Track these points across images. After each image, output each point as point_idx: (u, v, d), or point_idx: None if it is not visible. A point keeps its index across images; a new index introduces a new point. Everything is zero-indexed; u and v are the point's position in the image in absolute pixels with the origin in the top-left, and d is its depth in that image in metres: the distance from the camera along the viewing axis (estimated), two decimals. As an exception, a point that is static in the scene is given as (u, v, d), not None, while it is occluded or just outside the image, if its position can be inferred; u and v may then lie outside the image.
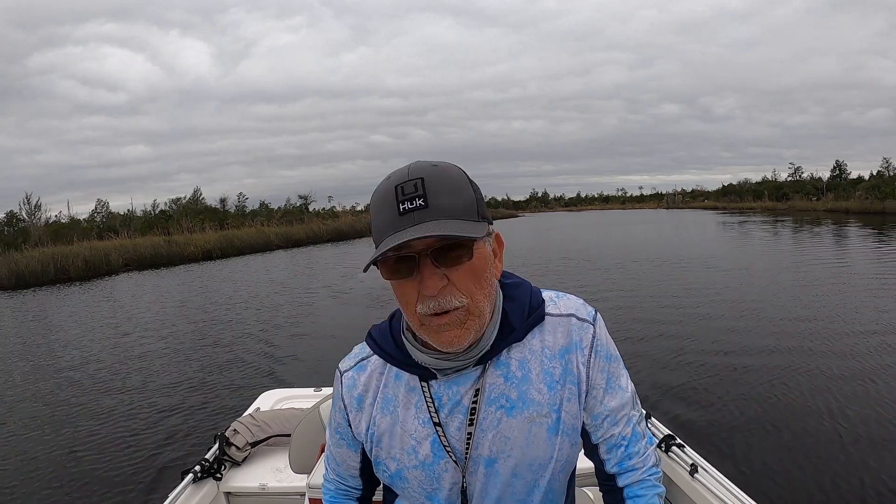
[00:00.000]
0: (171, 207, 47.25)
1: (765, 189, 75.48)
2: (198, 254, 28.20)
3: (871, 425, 4.63)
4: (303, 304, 12.61)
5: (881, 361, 6.28)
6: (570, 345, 1.12)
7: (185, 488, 2.22)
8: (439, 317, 0.99)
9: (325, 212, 57.72)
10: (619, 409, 1.16)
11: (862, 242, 22.11)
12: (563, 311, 1.15)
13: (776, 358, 6.62)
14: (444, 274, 0.97)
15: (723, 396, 5.47)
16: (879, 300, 9.86)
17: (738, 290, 11.54)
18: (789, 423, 4.78)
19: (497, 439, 1.10)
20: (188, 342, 9.39)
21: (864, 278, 12.57)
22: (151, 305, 14.22)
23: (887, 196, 46.89)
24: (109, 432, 5.42)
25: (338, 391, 1.23)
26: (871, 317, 8.60)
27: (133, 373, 7.64)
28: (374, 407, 1.17)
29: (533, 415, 1.10)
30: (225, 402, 6.06)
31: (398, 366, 1.15)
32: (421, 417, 1.12)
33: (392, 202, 0.96)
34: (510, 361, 1.11)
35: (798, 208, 57.05)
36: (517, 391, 1.10)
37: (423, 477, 1.14)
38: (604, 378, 1.14)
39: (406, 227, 0.93)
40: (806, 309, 9.35)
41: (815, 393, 5.41)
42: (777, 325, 8.24)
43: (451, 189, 0.97)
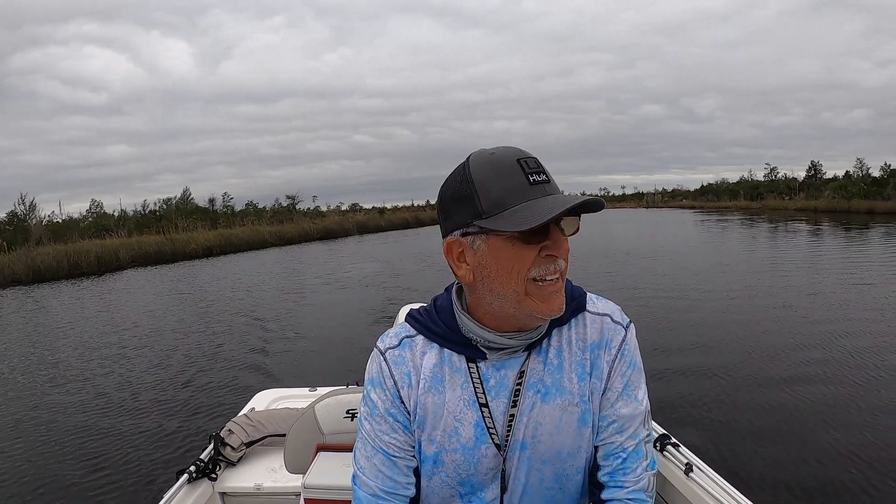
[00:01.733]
0: (162, 207, 46.88)
1: (741, 189, 76.11)
2: (198, 251, 28.50)
3: (865, 424, 4.54)
4: (298, 304, 12.36)
5: (871, 358, 6.19)
6: (602, 342, 1.13)
7: (180, 488, 2.13)
8: (551, 283, 1.01)
9: (312, 211, 57.53)
10: (628, 419, 1.13)
11: (823, 239, 22.88)
12: (601, 311, 1.16)
13: (769, 357, 6.49)
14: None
15: (717, 396, 5.37)
16: (850, 294, 10.00)
17: (722, 286, 11.43)
18: (784, 421, 4.69)
19: (531, 424, 1.10)
20: (184, 341, 9.17)
21: (833, 273, 12.78)
22: (151, 303, 14.02)
23: (853, 195, 47.57)
24: (103, 432, 5.27)
25: (383, 371, 1.15)
26: (850, 310, 8.68)
27: (128, 371, 7.45)
28: (421, 386, 1.13)
29: (565, 403, 1.10)
30: (220, 401, 5.89)
31: (447, 345, 1.13)
32: (466, 398, 1.11)
33: (519, 172, 0.98)
34: (549, 349, 1.12)
35: (771, 207, 57.46)
36: (552, 378, 1.11)
37: (461, 460, 1.12)
38: (622, 383, 1.13)
39: (542, 196, 0.97)
40: (792, 306, 9.24)
41: (809, 391, 5.32)
42: (767, 324, 8.11)
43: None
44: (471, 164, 1.02)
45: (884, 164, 54.35)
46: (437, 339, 1.13)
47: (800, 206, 53.82)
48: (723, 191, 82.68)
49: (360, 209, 68.95)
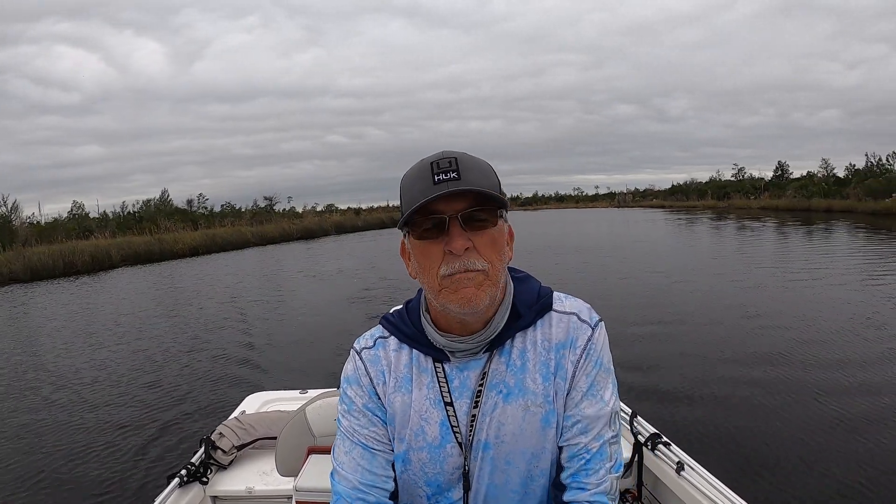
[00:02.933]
0: (142, 209, 46.27)
1: (709, 189, 76.87)
2: (185, 250, 28.75)
3: (856, 421, 4.49)
4: (287, 305, 12.13)
5: (866, 353, 6.19)
6: (567, 341, 1.10)
7: (171, 492, 2.07)
8: (460, 275, 0.99)
9: (289, 212, 57.29)
10: (593, 420, 1.09)
11: (785, 236, 23.23)
12: (568, 310, 1.13)
13: (760, 356, 6.38)
14: (470, 238, 0.99)
15: (708, 395, 5.30)
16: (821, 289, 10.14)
17: (705, 285, 11.50)
18: (774, 420, 4.63)
19: (493, 424, 1.08)
20: (174, 343, 8.94)
21: (806, 271, 12.91)
22: (142, 303, 13.76)
23: (813, 195, 48.36)
24: (93, 435, 5.11)
25: (359, 369, 1.17)
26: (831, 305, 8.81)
27: (118, 373, 7.26)
28: (393, 384, 1.14)
29: (527, 403, 1.08)
30: (210, 404, 5.74)
31: (415, 345, 1.14)
32: (432, 397, 1.11)
33: (427, 175, 0.99)
34: (512, 350, 1.10)
35: (736, 206, 58.06)
36: (514, 378, 1.09)
37: (428, 459, 1.11)
38: (587, 383, 1.10)
39: (441, 192, 0.96)
40: (779, 304, 9.18)
41: (799, 389, 5.26)
42: (756, 323, 8.00)
43: (481, 171, 1.02)
44: (406, 172, 1.06)
45: (848, 165, 55.04)
46: (407, 340, 1.14)
47: (763, 205, 54.49)
48: (692, 190, 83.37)
49: (335, 210, 68.17)
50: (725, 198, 67.56)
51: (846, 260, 14.73)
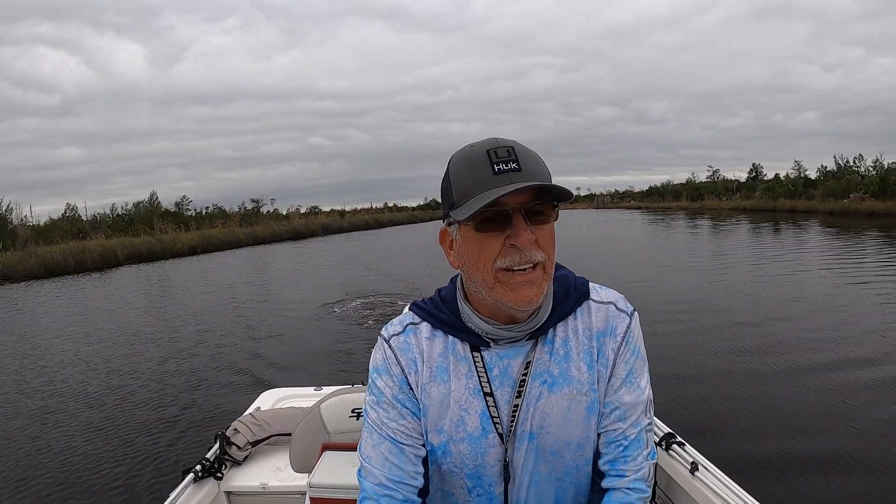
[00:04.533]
0: (131, 211, 46.04)
1: (684, 190, 77.41)
2: (184, 250, 29.05)
3: (875, 423, 4.25)
4: (297, 302, 11.63)
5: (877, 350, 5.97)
6: (607, 329, 1.06)
7: (186, 487, 2.01)
8: (522, 273, 0.94)
9: (273, 214, 56.79)
10: (631, 407, 1.05)
11: (755, 236, 23.45)
12: (605, 299, 1.09)
13: (775, 354, 6.08)
14: (533, 231, 0.93)
15: (723, 395, 5.03)
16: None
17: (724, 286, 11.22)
18: (790, 420, 4.39)
19: (538, 414, 1.02)
20: (188, 339, 8.66)
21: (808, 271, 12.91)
22: (153, 300, 13.65)
23: (779, 196, 48.89)
24: (108, 430, 4.98)
25: (388, 358, 1.07)
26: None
27: (133, 369, 7.08)
28: (427, 374, 1.05)
29: (573, 392, 1.03)
30: (225, 401, 5.56)
31: (451, 332, 1.06)
32: (471, 387, 1.03)
33: (486, 163, 0.92)
34: (555, 339, 1.05)
35: (708, 207, 58.45)
36: (559, 368, 1.04)
37: (469, 451, 1.03)
38: (626, 370, 1.06)
39: (504, 184, 0.90)
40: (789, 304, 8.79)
41: (815, 389, 4.97)
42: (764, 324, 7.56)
43: (536, 160, 0.96)
44: (452, 158, 0.99)
45: (820, 167, 54.98)
46: (443, 325, 1.06)
47: (733, 205, 54.95)
48: (668, 192, 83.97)
49: (319, 212, 67.40)
50: (699, 199, 68.08)
51: (817, 254, 14.88)
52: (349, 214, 64.93)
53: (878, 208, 33.37)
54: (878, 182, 37.39)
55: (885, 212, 32.26)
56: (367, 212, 74.03)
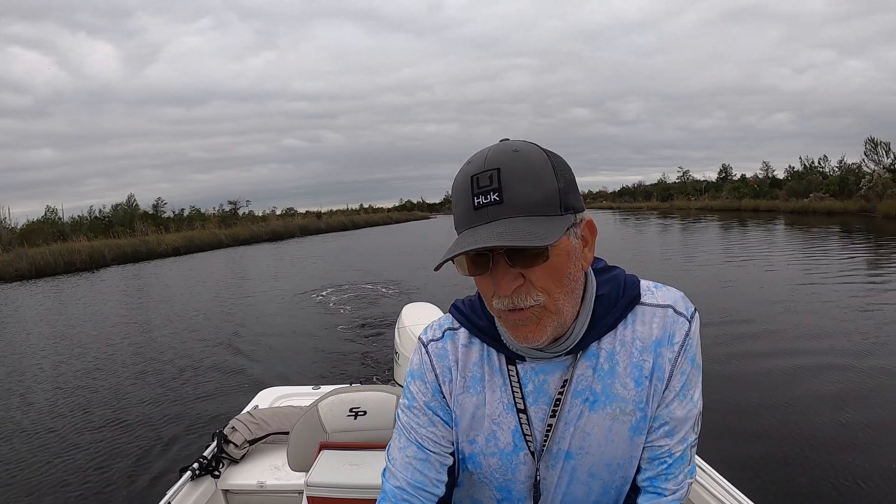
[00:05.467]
0: (111, 213, 45.47)
1: (654, 190, 78.13)
2: (168, 251, 29.03)
3: (875, 426, 4.09)
4: (292, 302, 11.24)
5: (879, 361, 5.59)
6: (664, 338, 0.91)
7: (184, 486, 1.96)
8: (514, 313, 0.82)
9: (248, 215, 56.07)
10: (681, 422, 0.93)
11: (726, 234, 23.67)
12: (661, 302, 0.94)
13: (771, 356, 5.84)
14: (520, 273, 0.80)
15: (721, 398, 4.77)
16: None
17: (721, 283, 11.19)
18: (788, 424, 4.22)
19: (577, 434, 0.92)
20: (185, 337, 8.44)
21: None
22: (145, 299, 13.37)
23: (744, 196, 49.73)
24: (105, 429, 4.85)
25: (424, 363, 1.00)
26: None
27: (130, 367, 6.91)
28: (461, 383, 0.97)
29: (616, 411, 0.91)
30: (223, 399, 5.39)
31: (488, 341, 0.95)
32: (504, 401, 0.94)
33: (468, 194, 0.80)
34: (599, 352, 0.92)
35: (677, 207, 59.16)
36: (602, 384, 0.91)
37: (499, 465, 0.96)
38: (680, 382, 0.92)
39: (480, 224, 0.78)
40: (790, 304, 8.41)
41: (814, 392, 4.79)
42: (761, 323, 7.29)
43: (531, 180, 0.79)
44: (456, 175, 0.86)
45: (788, 167, 55.14)
46: (480, 333, 0.96)
47: (700, 205, 55.67)
48: (639, 192, 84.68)
49: (294, 213, 66.79)
50: (669, 199, 68.78)
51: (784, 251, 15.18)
52: (325, 216, 64.51)
53: (836, 207, 34.14)
54: (838, 182, 38.13)
55: (842, 210, 33.04)
56: (342, 213, 73.53)
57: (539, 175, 0.80)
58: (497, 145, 0.83)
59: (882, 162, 37.55)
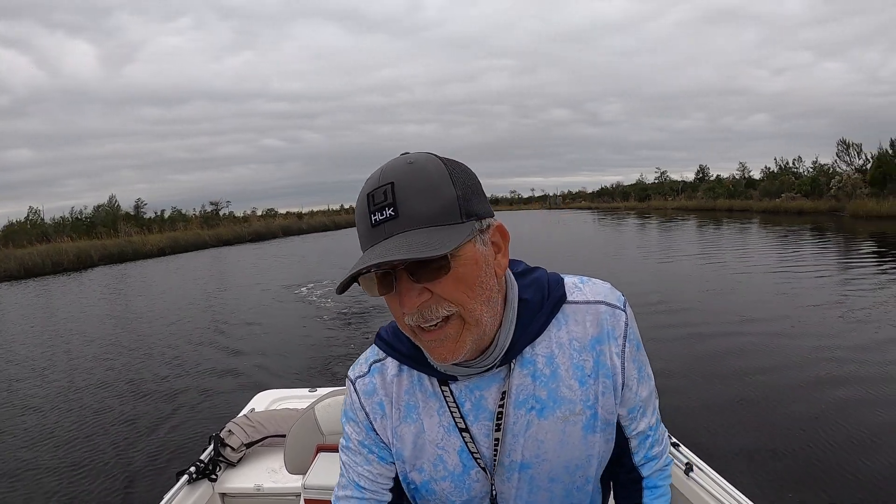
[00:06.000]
0: (93, 214, 45.09)
1: (632, 191, 78.78)
2: (154, 251, 29.22)
3: (868, 422, 4.07)
4: (284, 302, 11.08)
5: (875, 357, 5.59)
6: (602, 334, 0.89)
7: (180, 489, 1.92)
8: (429, 332, 0.79)
9: (229, 216, 55.92)
10: (648, 398, 0.96)
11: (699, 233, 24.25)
12: (591, 298, 0.91)
13: (766, 353, 5.84)
14: (426, 287, 0.76)
15: (717, 395, 4.80)
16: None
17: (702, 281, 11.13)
18: (784, 420, 4.21)
19: (530, 443, 0.89)
20: (179, 340, 8.23)
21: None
22: (135, 300, 13.17)
23: (719, 196, 50.40)
24: (102, 433, 4.76)
25: (354, 402, 0.96)
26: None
27: (125, 372, 6.75)
28: (396, 415, 0.93)
29: (566, 413, 0.88)
30: (219, 402, 5.30)
31: (416, 367, 0.91)
32: (445, 424, 0.90)
33: (366, 213, 0.77)
34: (536, 358, 0.88)
35: (653, 207, 59.99)
36: (546, 390, 0.88)
37: (453, 488, 0.92)
38: (636, 368, 0.93)
39: (379, 241, 0.75)
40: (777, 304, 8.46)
41: (810, 390, 4.76)
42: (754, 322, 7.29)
43: (426, 190, 0.75)
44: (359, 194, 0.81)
45: (764, 168, 55.37)
46: (406, 360, 0.92)
47: (676, 205, 56.47)
48: (617, 193, 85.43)
49: (275, 214, 66.49)
50: (646, 199, 69.41)
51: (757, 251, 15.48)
52: (307, 216, 64.45)
53: (807, 207, 34.76)
54: (810, 183, 38.71)
55: (813, 210, 33.64)
56: (323, 214, 73.20)
57: (434, 185, 0.76)
58: (393, 160, 0.80)
59: (854, 163, 38.13)
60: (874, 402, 4.42)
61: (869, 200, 29.94)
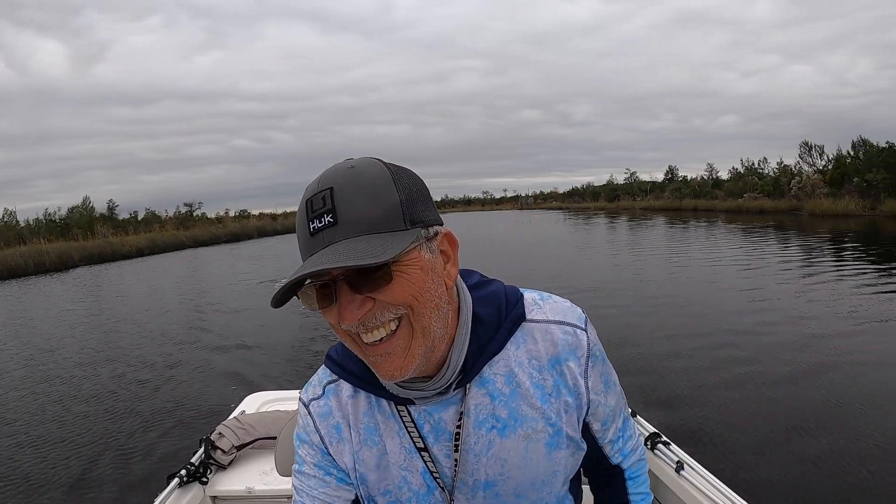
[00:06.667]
0: (67, 215, 44.41)
1: (602, 191, 79.47)
2: (132, 252, 29.19)
3: (857, 419, 4.06)
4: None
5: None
6: (561, 355, 0.86)
7: (171, 493, 1.86)
8: (374, 346, 0.73)
9: (202, 218, 55.35)
10: (617, 404, 0.95)
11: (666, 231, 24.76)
12: (552, 317, 0.87)
13: (758, 353, 5.77)
14: (369, 296, 0.71)
15: (707, 393, 4.74)
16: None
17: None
18: (774, 419, 4.17)
19: (493, 462, 0.85)
20: (167, 342, 8.03)
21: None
22: (120, 301, 12.90)
23: (685, 196, 51.23)
24: (91, 436, 4.63)
25: (307, 425, 0.90)
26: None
27: (113, 373, 6.59)
28: (356, 438, 0.88)
29: (528, 432, 0.85)
30: (210, 405, 5.16)
31: (369, 389, 0.86)
32: (406, 446, 0.86)
33: (304, 220, 0.72)
34: (495, 378, 0.84)
35: (622, 207, 60.75)
36: (507, 409, 0.84)
37: None
38: (602, 382, 0.91)
39: (317, 250, 0.69)
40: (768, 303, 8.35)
41: (798, 386, 4.75)
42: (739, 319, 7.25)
43: (367, 195, 0.70)
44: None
45: (731, 168, 55.72)
46: (358, 381, 0.86)
47: (644, 205, 57.29)
48: (587, 193, 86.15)
49: (248, 215, 65.60)
50: (616, 199, 70.08)
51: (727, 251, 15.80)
52: (281, 217, 63.81)
53: (768, 206, 35.56)
54: (772, 183, 39.51)
55: (773, 209, 34.42)
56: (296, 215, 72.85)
57: (376, 190, 0.71)
58: (334, 165, 0.75)
59: (815, 164, 38.97)
60: (862, 392, 4.54)
61: (826, 200, 30.78)
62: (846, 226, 22.22)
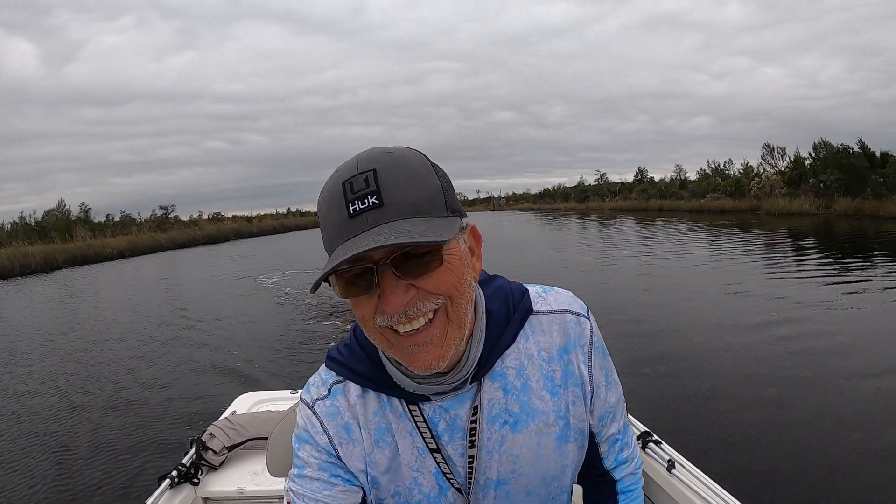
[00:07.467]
0: (43, 219, 43.32)
1: (573, 192, 79.90)
2: (114, 254, 29.26)
3: (846, 417, 4.02)
4: (265, 304, 10.57)
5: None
6: (568, 344, 0.86)
7: (163, 493, 1.83)
8: (410, 336, 0.69)
9: (176, 220, 54.30)
10: (616, 404, 0.93)
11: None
12: (556, 308, 0.87)
13: (748, 350, 5.72)
14: (412, 284, 0.67)
15: (699, 393, 4.66)
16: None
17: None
18: (765, 417, 4.13)
19: (505, 459, 0.83)
20: (158, 344, 7.80)
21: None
22: (108, 302, 12.64)
23: (651, 197, 51.90)
24: (83, 438, 4.50)
25: (313, 426, 0.84)
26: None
27: (104, 375, 6.41)
28: (368, 439, 0.83)
29: (540, 426, 0.84)
30: (201, 405, 5.02)
31: (380, 389, 0.82)
32: (418, 446, 0.82)
33: (341, 202, 0.66)
34: (507, 371, 0.82)
35: (591, 208, 61.12)
36: (519, 403, 0.83)
37: None
38: (604, 375, 0.90)
39: (359, 233, 0.65)
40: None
41: (790, 385, 4.66)
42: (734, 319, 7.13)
43: (411, 179, 0.67)
44: (323, 186, 0.71)
45: (699, 170, 55.47)
46: (368, 382, 0.83)
47: (613, 206, 57.86)
48: (558, 194, 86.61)
49: (223, 218, 64.25)
50: (586, 200, 70.54)
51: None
52: (256, 220, 64.06)
53: (728, 206, 36.27)
54: (734, 184, 40.19)
55: (734, 209, 35.13)
56: (272, 217, 72.27)
57: (419, 174, 0.69)
58: (366, 150, 0.71)
59: (777, 165, 39.73)
60: (852, 390, 4.55)
61: (782, 199, 31.49)
62: (800, 223, 22.90)
